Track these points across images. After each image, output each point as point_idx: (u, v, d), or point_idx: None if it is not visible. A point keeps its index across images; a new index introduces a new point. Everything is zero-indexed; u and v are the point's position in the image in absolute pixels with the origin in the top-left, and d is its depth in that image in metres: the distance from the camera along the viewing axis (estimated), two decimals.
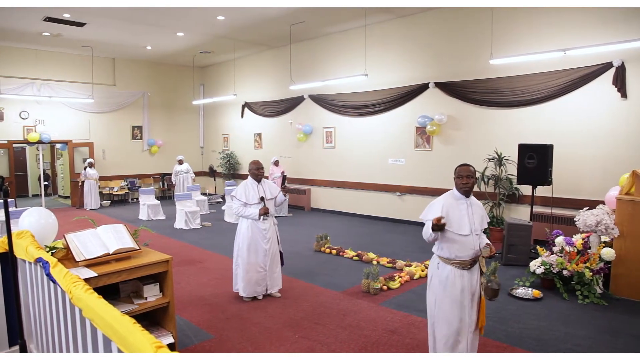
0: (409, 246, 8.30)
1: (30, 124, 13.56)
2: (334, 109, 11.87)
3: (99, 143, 14.87)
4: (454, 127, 9.45)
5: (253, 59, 14.57)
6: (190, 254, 7.93)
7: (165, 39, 12.41)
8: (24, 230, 3.81)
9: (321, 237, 8.14)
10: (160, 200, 13.04)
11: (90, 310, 2.31)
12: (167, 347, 1.76)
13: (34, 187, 17.70)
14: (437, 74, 9.64)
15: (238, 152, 15.53)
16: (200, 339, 4.45)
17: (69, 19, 10.32)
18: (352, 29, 11.19)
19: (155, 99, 16.03)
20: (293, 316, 4.99)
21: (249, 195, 5.46)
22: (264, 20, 10.50)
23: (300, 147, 13.05)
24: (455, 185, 3.52)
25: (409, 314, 5.01)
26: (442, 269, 3.45)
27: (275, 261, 5.57)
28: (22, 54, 13.31)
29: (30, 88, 13.32)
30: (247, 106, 14.83)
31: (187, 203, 10.87)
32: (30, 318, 3.83)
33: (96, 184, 13.74)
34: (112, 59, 15.04)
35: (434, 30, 9.67)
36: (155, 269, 3.73)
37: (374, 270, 5.77)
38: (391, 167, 10.68)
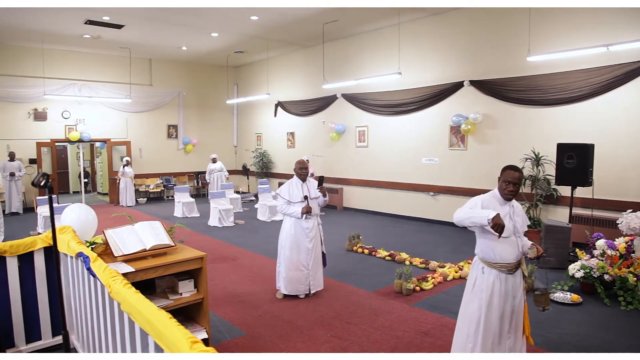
0: (443, 247, 8.18)
1: (72, 123, 14.02)
2: (367, 107, 11.81)
3: (136, 142, 15.25)
4: (490, 126, 9.25)
5: (286, 58, 14.65)
6: (224, 252, 8.04)
7: (200, 39, 12.62)
8: (66, 226, 3.94)
9: (353, 236, 8.11)
10: (194, 198, 13.26)
11: (129, 304, 2.37)
12: (202, 343, 1.78)
13: (74, 184, 18.31)
14: (472, 71, 9.46)
15: (271, 151, 15.65)
16: (233, 335, 4.50)
17: (108, 21, 10.62)
18: (385, 27, 11.11)
19: (190, 99, 16.32)
20: (325, 315, 4.98)
21: (292, 193, 5.49)
22: (297, 19, 10.53)
23: (332, 146, 13.04)
24: (499, 188, 3.34)
25: (442, 315, 4.94)
26: (487, 274, 3.29)
27: (318, 261, 5.58)
28: (64, 56, 13.77)
29: (72, 89, 13.77)
30: (280, 105, 14.92)
31: (220, 201, 11.01)
32: (72, 310, 3.96)
33: (132, 182, 14.10)
34: (149, 60, 15.39)
35: (468, 27, 9.50)
36: (190, 266, 3.79)
37: (406, 271, 5.71)
38: (425, 167, 10.55)
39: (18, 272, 3.99)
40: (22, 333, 4.03)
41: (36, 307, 4.09)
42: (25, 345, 4.05)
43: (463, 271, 6.35)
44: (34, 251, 4.04)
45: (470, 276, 3.45)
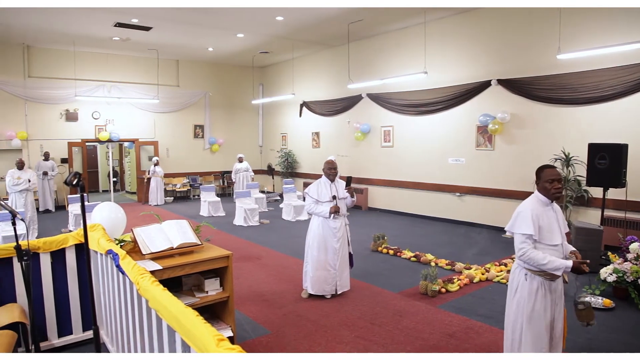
0: (469, 248, 8.07)
1: (101, 123, 14.34)
2: (392, 107, 11.73)
3: (163, 142, 15.50)
4: (518, 126, 9.08)
5: (311, 58, 14.67)
6: (249, 251, 8.10)
7: (226, 40, 12.74)
8: (96, 224, 4.03)
9: (378, 236, 8.07)
10: (220, 197, 13.39)
11: (156, 301, 2.40)
12: (228, 340, 1.80)
13: (103, 183, 18.74)
14: (500, 70, 9.30)
15: (296, 150, 15.70)
16: (258, 333, 4.53)
17: (137, 23, 10.82)
18: (411, 26, 11.02)
19: (216, 99, 16.50)
20: (349, 315, 4.97)
21: (321, 193, 5.49)
22: (322, 19, 10.54)
23: (358, 146, 13.00)
24: (544, 190, 3.24)
25: (468, 318, 4.87)
26: (530, 281, 3.20)
27: (344, 261, 5.57)
28: (94, 58, 14.10)
29: (102, 90, 14.09)
30: (306, 105, 14.95)
31: (246, 200, 11.10)
32: (101, 306, 4.05)
33: (162, 181, 14.35)
34: (176, 61, 15.62)
35: (496, 26, 9.34)
36: (216, 264, 3.83)
37: (432, 272, 5.66)
38: (451, 167, 10.43)
39: (51, 268, 4.10)
40: (54, 327, 4.14)
41: (67, 303, 4.20)
42: (58, 339, 4.16)
43: (490, 273, 6.25)
44: (66, 248, 4.15)
45: (512, 283, 3.36)
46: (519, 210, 3.25)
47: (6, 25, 10.89)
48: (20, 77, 12.93)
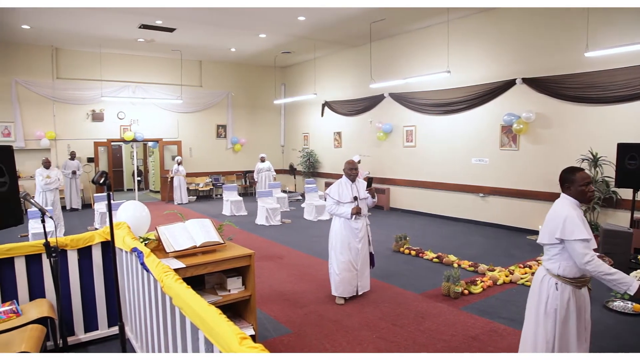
0: (492, 250, 7.95)
1: (126, 123, 14.60)
2: (414, 107, 11.65)
3: (186, 141, 15.69)
4: (544, 126, 8.91)
5: (333, 58, 14.67)
6: (271, 250, 8.14)
7: (248, 40, 12.83)
8: (121, 222, 4.10)
9: (400, 237, 8.02)
10: (242, 196, 13.49)
11: (180, 299, 2.43)
12: (251, 339, 1.80)
13: (128, 182, 19.07)
14: (525, 69, 9.14)
15: (318, 150, 15.71)
16: (279, 333, 4.55)
17: (161, 25, 10.98)
18: (434, 25, 10.92)
19: (238, 99, 16.63)
20: (371, 316, 4.95)
21: (342, 193, 5.44)
22: (344, 19, 10.53)
23: (380, 146, 12.95)
24: (579, 194, 3.10)
25: (491, 320, 4.80)
26: (562, 291, 3.06)
27: (365, 262, 5.52)
28: (120, 60, 14.36)
29: (127, 90, 14.34)
30: (327, 105, 14.95)
31: (268, 200, 11.16)
32: (126, 302, 4.11)
33: (184, 180, 14.53)
34: (199, 62, 15.79)
35: (521, 23, 9.18)
36: (239, 263, 3.86)
37: (454, 273, 5.59)
38: (474, 167, 10.30)
39: (78, 265, 4.19)
40: (81, 322, 4.23)
41: (94, 299, 4.29)
42: (84, 334, 4.25)
43: (514, 275, 6.15)
44: (92, 245, 4.24)
45: (539, 293, 3.19)
46: (564, 215, 3.03)
47: (36, 29, 11.18)
48: (49, 78, 13.25)
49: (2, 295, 3.86)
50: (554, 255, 3.13)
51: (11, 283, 3.91)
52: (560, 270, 3.10)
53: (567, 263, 3.07)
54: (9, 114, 12.79)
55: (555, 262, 3.13)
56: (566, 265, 3.07)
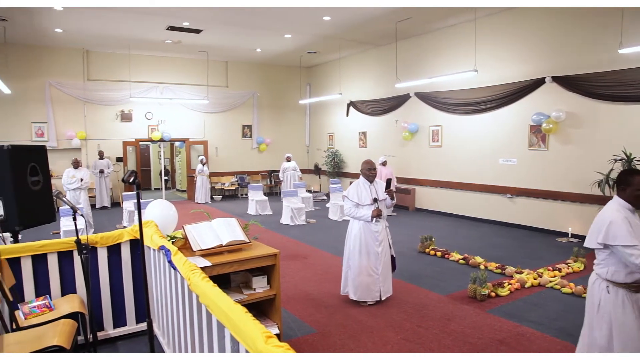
0: (520, 252, 7.81)
1: (154, 123, 14.86)
2: (441, 106, 11.52)
3: (212, 141, 15.88)
4: (574, 125, 8.69)
5: (358, 57, 14.63)
6: (295, 249, 8.16)
7: (273, 41, 12.90)
8: (149, 220, 4.17)
9: (426, 238, 7.95)
10: (267, 196, 13.57)
11: (207, 297, 2.46)
12: (276, 338, 1.81)
13: (155, 181, 19.40)
14: (555, 67, 8.94)
15: (343, 150, 15.70)
16: (304, 332, 4.56)
17: (188, 26, 11.14)
18: (460, 23, 10.78)
19: (264, 99, 16.74)
20: (396, 317, 4.92)
21: (361, 195, 5.26)
22: (370, 18, 10.49)
23: (405, 146, 12.85)
24: (634, 198, 2.99)
25: (518, 324, 4.71)
26: (615, 294, 2.98)
27: (387, 266, 5.34)
28: (148, 61, 14.63)
29: (154, 91, 14.60)
30: (353, 105, 14.93)
31: (292, 200, 11.20)
32: (153, 299, 4.19)
33: (207, 179, 14.70)
34: (225, 62, 15.96)
35: (550, 20, 8.97)
36: (264, 262, 3.89)
37: (481, 275, 5.50)
38: (502, 168, 10.12)
39: (107, 262, 4.29)
40: (110, 318, 4.33)
41: (122, 295, 4.38)
42: (113, 330, 4.34)
43: (542, 278, 6.02)
44: (121, 243, 4.32)
45: (592, 297, 3.13)
46: (609, 219, 2.95)
47: (68, 32, 11.49)
48: (80, 79, 13.59)
49: (36, 290, 3.98)
50: (602, 260, 3.07)
51: (44, 278, 4.02)
52: (609, 275, 3.02)
53: (616, 268, 2.98)
54: (42, 115, 13.17)
55: (604, 267, 3.06)
56: (615, 270, 2.99)
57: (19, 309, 3.61)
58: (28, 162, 4.39)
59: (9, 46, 11.91)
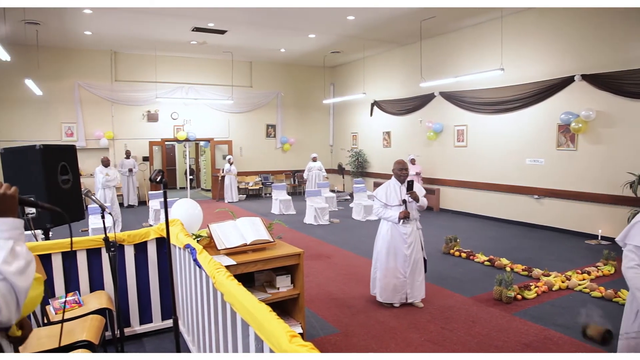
0: (547, 254, 7.64)
1: (179, 123, 15.07)
2: (466, 106, 11.38)
3: (236, 141, 16.02)
4: (605, 124, 8.47)
5: (382, 57, 14.56)
6: (319, 249, 8.17)
7: (297, 41, 12.94)
8: (175, 219, 4.23)
9: (450, 239, 7.86)
10: (291, 195, 13.62)
11: (231, 295, 2.48)
12: (300, 337, 1.81)
13: (180, 180, 19.68)
14: (585, 65, 8.72)
15: (366, 150, 15.65)
16: (327, 332, 4.56)
17: (213, 27, 11.26)
18: (487, 21, 10.62)
19: (287, 99, 16.81)
20: (419, 318, 4.88)
21: (390, 196, 5.14)
22: (394, 17, 10.42)
23: (430, 146, 12.74)
24: None
25: (545, 327, 4.61)
26: None
27: (417, 268, 5.19)
28: (173, 62, 14.84)
29: (180, 91, 14.81)
30: (377, 104, 14.86)
31: (316, 199, 11.21)
32: (178, 297, 4.24)
33: (235, 179, 14.84)
34: (249, 62, 16.07)
35: (580, 16, 8.75)
36: (288, 262, 3.90)
37: (507, 277, 5.40)
38: (529, 168, 9.94)
39: (134, 259, 4.36)
40: (136, 314, 4.40)
41: (148, 292, 4.45)
42: (139, 326, 4.42)
43: (571, 281, 5.88)
44: (147, 241, 4.39)
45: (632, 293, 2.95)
46: (637, 220, 2.81)
47: (97, 34, 11.74)
48: (108, 81, 13.88)
49: (65, 286, 4.07)
50: None
51: (74, 275, 4.12)
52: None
53: None
54: (72, 116, 13.49)
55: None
56: None
57: (50, 304, 3.71)
58: (59, 162, 4.51)
59: (41, 49, 12.23)
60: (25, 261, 1.42)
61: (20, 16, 9.69)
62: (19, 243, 1.44)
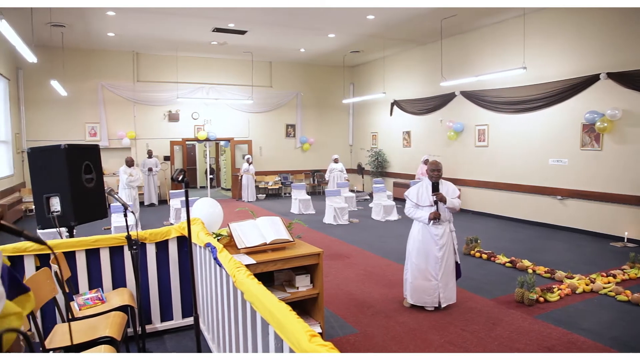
0: (571, 256, 7.50)
1: (200, 123, 15.22)
2: (487, 105, 11.24)
3: (256, 140, 16.11)
4: (632, 124, 8.26)
5: (402, 56, 14.47)
6: (338, 249, 8.16)
7: (317, 41, 12.95)
8: (196, 218, 4.27)
9: (471, 239, 7.77)
10: (310, 195, 13.64)
11: (251, 294, 2.49)
12: (320, 337, 1.81)
13: (201, 179, 19.88)
14: (611, 63, 8.52)
15: (386, 150, 15.57)
16: (345, 332, 4.55)
17: (233, 28, 11.34)
18: (509, 19, 10.46)
19: (307, 99, 16.82)
20: (440, 319, 4.83)
21: (421, 196, 5.06)
22: (414, 16, 10.35)
23: (450, 146, 12.62)
24: None
25: (569, 331, 4.51)
26: None
27: (449, 272, 5.08)
28: (194, 62, 14.99)
29: (200, 91, 14.96)
30: (396, 104, 14.78)
31: (336, 199, 11.19)
32: (198, 295, 4.28)
33: (253, 178, 14.92)
34: (269, 63, 16.14)
35: (604, 13, 8.55)
36: (307, 261, 3.90)
37: (529, 279, 5.31)
38: (551, 168, 9.77)
39: (155, 257, 4.42)
40: (157, 312, 4.46)
41: (169, 290, 4.50)
42: (160, 323, 4.47)
43: (595, 284, 5.76)
44: (169, 240, 4.44)
45: None
46: None
47: (119, 36, 11.94)
48: (130, 81, 14.09)
49: (89, 283, 4.15)
50: None
51: (97, 272, 4.19)
52: None
53: None
54: (95, 116, 13.74)
55: None
56: None
57: (74, 300, 3.78)
58: (83, 161, 4.60)
59: (66, 51, 12.49)
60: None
61: (47, 19, 9.91)
62: None
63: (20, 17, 9.28)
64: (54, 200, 4.33)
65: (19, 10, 8.87)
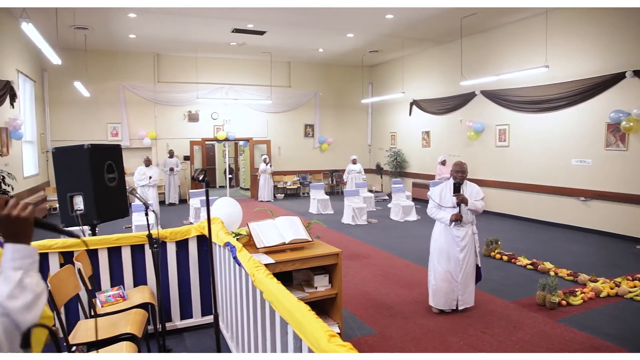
0: (595, 259, 7.35)
1: (219, 123, 15.34)
2: (508, 104, 11.09)
3: (275, 140, 16.16)
4: None
5: (421, 56, 14.37)
6: (356, 249, 8.14)
7: (336, 40, 12.94)
8: (216, 217, 4.30)
9: (491, 241, 7.67)
10: (328, 195, 13.63)
11: (271, 293, 2.49)
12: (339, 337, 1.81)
13: (220, 179, 20.03)
14: (637, 61, 8.31)
15: (405, 150, 15.48)
16: (364, 332, 4.53)
17: (252, 28, 11.40)
18: (530, 16, 10.30)
19: (326, 99, 16.82)
20: (459, 322, 4.78)
21: (444, 197, 5.00)
22: (434, 15, 10.27)
23: (470, 146, 12.48)
24: None
25: (592, 336, 4.41)
26: None
27: (469, 274, 5.03)
28: (214, 63, 15.12)
29: (220, 92, 15.08)
30: (415, 104, 14.68)
31: (354, 199, 11.17)
32: (217, 294, 4.31)
33: (270, 178, 14.98)
34: (288, 63, 16.19)
35: (630, 11, 8.34)
36: (326, 261, 3.90)
37: (551, 282, 5.20)
38: (574, 169, 9.59)
39: (175, 256, 4.47)
40: (177, 310, 4.51)
41: (189, 289, 4.55)
42: (180, 321, 4.52)
43: (620, 288, 5.62)
44: (189, 238, 4.49)
45: None
46: None
47: (140, 37, 12.11)
48: (151, 82, 14.28)
49: (111, 280, 4.21)
50: None
51: (119, 270, 4.26)
52: None
53: None
54: (117, 116, 13.96)
55: None
56: None
57: (96, 297, 3.84)
58: (105, 160, 4.67)
59: (89, 53, 12.71)
60: (34, 295, 1.26)
61: (70, 22, 10.09)
62: (30, 274, 1.29)
63: (45, 21, 9.48)
64: (77, 199, 4.40)
65: (44, 13, 9.07)
